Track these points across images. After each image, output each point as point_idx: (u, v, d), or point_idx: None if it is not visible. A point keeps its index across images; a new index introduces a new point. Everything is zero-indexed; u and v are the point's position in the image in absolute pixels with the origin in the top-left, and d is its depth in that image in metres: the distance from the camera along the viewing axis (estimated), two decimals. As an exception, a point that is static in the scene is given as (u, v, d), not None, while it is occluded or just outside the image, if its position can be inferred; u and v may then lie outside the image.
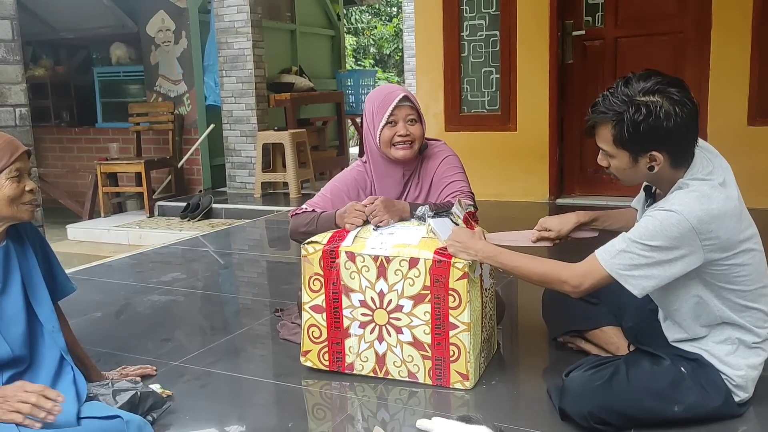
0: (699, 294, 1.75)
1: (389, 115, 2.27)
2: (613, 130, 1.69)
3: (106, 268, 3.98)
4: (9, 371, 1.73)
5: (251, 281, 3.76)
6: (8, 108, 2.50)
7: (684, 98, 1.65)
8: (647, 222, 1.68)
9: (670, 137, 1.65)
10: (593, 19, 5.17)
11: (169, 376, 2.27)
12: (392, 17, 18.29)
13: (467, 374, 2.06)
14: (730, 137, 4.44)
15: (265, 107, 6.69)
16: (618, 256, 1.70)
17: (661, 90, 1.65)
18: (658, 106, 1.63)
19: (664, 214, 1.65)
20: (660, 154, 1.67)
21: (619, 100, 1.68)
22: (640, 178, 1.78)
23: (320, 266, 2.15)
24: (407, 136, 2.28)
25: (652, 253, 1.66)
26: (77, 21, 7.49)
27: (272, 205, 6.00)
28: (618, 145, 1.70)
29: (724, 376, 1.77)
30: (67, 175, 7.94)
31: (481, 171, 5.05)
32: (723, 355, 1.77)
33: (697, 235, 1.63)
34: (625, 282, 1.70)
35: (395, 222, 2.20)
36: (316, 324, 2.20)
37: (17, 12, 2.55)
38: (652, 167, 1.70)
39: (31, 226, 1.87)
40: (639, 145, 1.67)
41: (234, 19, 6.48)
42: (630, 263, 1.68)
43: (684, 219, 1.62)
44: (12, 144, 1.73)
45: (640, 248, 1.67)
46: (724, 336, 1.78)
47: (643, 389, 1.77)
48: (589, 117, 1.76)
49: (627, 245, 1.69)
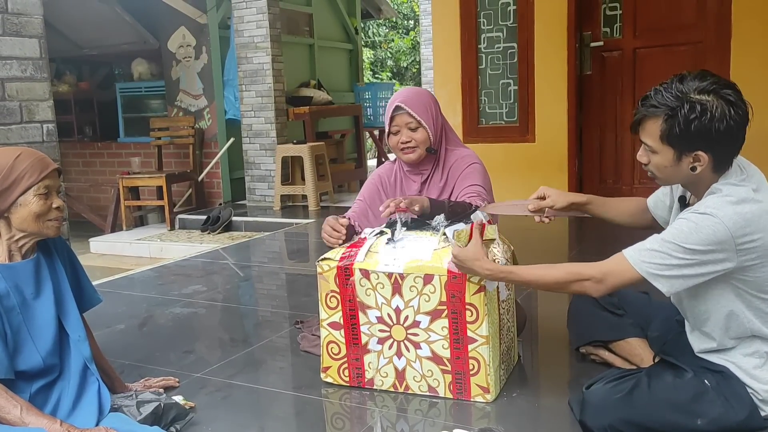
0: (731, 305, 1.71)
1: (391, 124, 2.39)
2: (663, 126, 1.65)
3: (128, 280, 4.03)
4: (39, 381, 1.77)
5: (271, 293, 3.78)
6: (36, 124, 2.56)
7: (739, 101, 1.62)
8: (682, 224, 1.65)
9: (719, 139, 1.62)
10: (611, 30, 5.16)
11: (191, 387, 2.29)
12: (409, 30, 18.38)
13: (488, 387, 2.05)
14: (754, 146, 4.37)
15: (284, 121, 6.75)
16: (649, 256, 1.66)
17: (716, 90, 1.62)
18: (713, 105, 1.60)
19: (699, 217, 1.63)
20: (706, 155, 1.64)
21: (673, 95, 1.64)
22: (680, 177, 1.74)
23: (335, 283, 2.15)
24: (408, 142, 2.38)
25: (685, 255, 1.62)
26: (100, 38, 7.63)
27: (291, 217, 6.04)
28: (664, 141, 1.67)
29: (750, 390, 1.74)
30: (89, 189, 8.06)
31: (500, 182, 5.03)
32: (750, 368, 1.74)
33: (732, 240, 1.60)
34: (655, 280, 1.66)
35: (417, 209, 2.16)
36: (334, 340, 2.20)
37: (44, 30, 2.61)
38: (695, 168, 1.67)
39: (60, 240, 1.91)
40: (687, 143, 1.64)
41: (253, 34, 6.56)
42: (662, 263, 1.65)
43: (720, 222, 1.60)
44: (43, 162, 1.77)
45: (673, 249, 1.64)
46: (753, 349, 1.74)
47: (665, 402, 1.74)
48: (637, 111, 1.72)
49: (660, 245, 1.66)
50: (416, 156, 2.39)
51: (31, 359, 1.75)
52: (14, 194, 1.72)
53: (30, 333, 1.76)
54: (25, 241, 1.79)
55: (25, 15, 2.53)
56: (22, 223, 1.75)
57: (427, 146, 2.39)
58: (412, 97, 2.40)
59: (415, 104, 2.37)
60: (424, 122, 2.37)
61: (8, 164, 1.72)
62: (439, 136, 2.44)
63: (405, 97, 2.40)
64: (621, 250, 1.74)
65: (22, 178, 1.72)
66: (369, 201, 2.51)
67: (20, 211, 1.74)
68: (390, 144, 2.42)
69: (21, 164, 1.73)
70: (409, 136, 2.37)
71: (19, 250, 1.79)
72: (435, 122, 2.41)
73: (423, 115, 2.37)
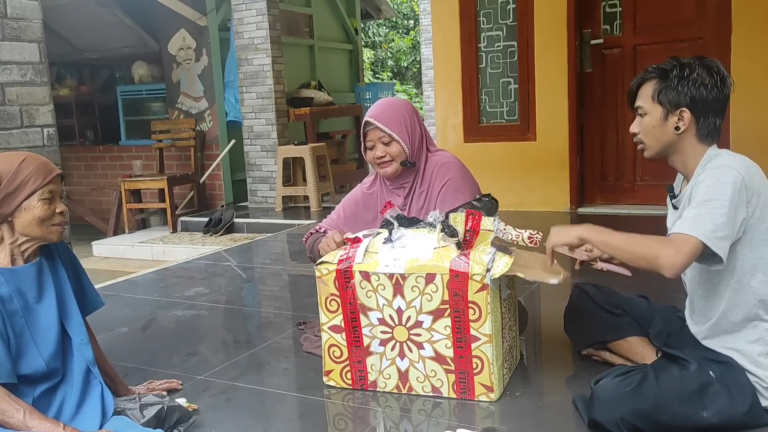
0: (739, 277, 1.76)
1: (365, 140, 2.40)
2: (655, 85, 1.86)
3: (131, 283, 4.04)
4: (42, 385, 1.77)
5: (273, 295, 3.78)
6: (36, 128, 2.56)
7: (724, 74, 1.83)
8: (704, 184, 1.73)
9: (702, 99, 1.81)
10: (611, 27, 5.15)
11: (194, 390, 2.29)
12: (409, 30, 18.39)
13: (492, 386, 2.05)
14: (755, 144, 4.38)
15: (284, 122, 6.76)
16: (698, 222, 1.68)
17: (706, 62, 1.85)
18: (701, 69, 1.82)
19: (715, 170, 1.74)
20: (689, 113, 1.82)
21: (667, 62, 1.88)
22: (665, 139, 1.86)
23: (335, 286, 2.13)
24: (383, 156, 2.37)
25: (724, 208, 1.68)
26: (100, 41, 7.64)
27: (293, 218, 6.04)
28: (655, 99, 1.85)
29: (754, 378, 1.76)
30: (91, 193, 8.08)
31: (502, 181, 5.05)
32: (755, 355, 1.77)
33: (745, 187, 1.70)
34: (713, 245, 1.66)
35: None
36: (336, 344, 2.19)
37: (44, 34, 2.62)
38: (678, 127, 1.83)
39: (62, 244, 1.92)
40: (674, 98, 1.82)
41: (253, 36, 6.57)
42: (711, 224, 1.67)
43: (734, 169, 1.71)
44: (47, 167, 1.78)
45: (712, 206, 1.68)
46: (758, 335, 1.77)
47: (672, 393, 1.76)
48: (634, 81, 1.94)
49: (699, 210, 1.69)
50: (392, 170, 2.37)
51: (35, 363, 1.75)
52: (19, 198, 1.73)
53: (33, 337, 1.76)
54: (28, 246, 1.79)
55: (25, 20, 2.54)
56: (25, 228, 1.75)
57: (402, 159, 2.36)
58: (384, 111, 2.37)
59: (386, 118, 2.35)
60: (396, 135, 2.33)
61: (13, 168, 1.73)
62: (417, 147, 2.39)
63: (376, 111, 2.38)
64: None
65: (26, 183, 1.73)
66: (350, 219, 2.49)
67: (24, 215, 1.74)
68: (367, 159, 2.42)
69: (26, 169, 1.74)
70: (384, 151, 2.35)
71: (21, 254, 1.79)
72: (410, 134, 2.36)
73: (395, 128, 2.34)
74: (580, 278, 2.41)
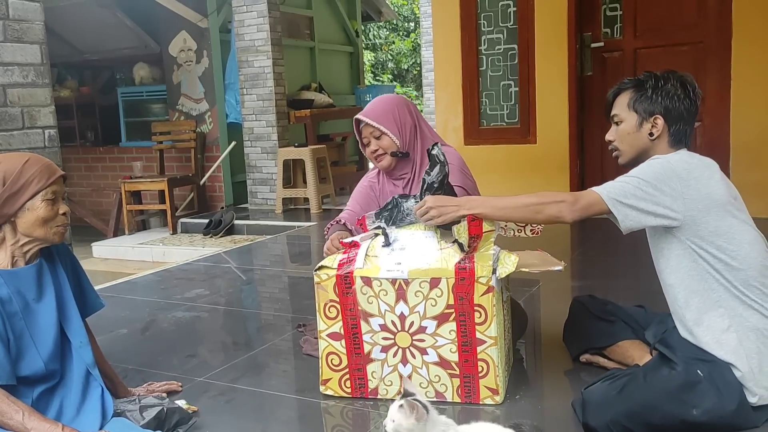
0: (692, 268, 1.83)
1: (361, 138, 2.49)
2: (631, 94, 1.96)
3: (131, 285, 4.03)
4: (41, 386, 1.77)
5: (273, 297, 3.78)
6: (38, 130, 2.57)
7: (696, 87, 1.94)
8: (641, 166, 1.88)
9: (675, 108, 1.92)
10: (612, 30, 5.16)
11: (194, 391, 2.29)
12: (410, 32, 18.41)
13: (497, 389, 2.04)
14: (755, 146, 4.39)
15: (285, 124, 6.76)
16: (612, 186, 1.84)
17: (679, 76, 1.96)
18: (675, 82, 1.94)
19: (653, 161, 1.88)
20: (662, 120, 1.91)
21: (642, 75, 2.00)
22: (639, 144, 1.95)
23: (335, 292, 2.08)
24: (376, 150, 2.45)
25: (641, 186, 1.80)
26: (101, 43, 7.65)
27: (293, 220, 6.04)
28: (631, 107, 1.96)
29: (735, 369, 1.76)
30: (92, 194, 8.08)
31: (502, 184, 5.05)
32: (719, 334, 1.79)
33: (678, 180, 1.79)
34: (613, 207, 1.81)
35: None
36: (334, 351, 2.14)
37: (45, 36, 2.62)
38: (652, 133, 1.93)
39: (63, 245, 1.92)
40: (649, 107, 1.93)
41: (254, 38, 6.57)
42: (621, 191, 1.82)
43: (666, 161, 1.84)
44: (50, 168, 1.79)
45: (629, 178, 1.84)
46: (726, 324, 1.79)
47: (660, 392, 1.78)
48: (610, 92, 2.04)
49: (622, 179, 1.85)
50: (387, 162, 2.45)
51: (34, 364, 1.75)
52: (22, 199, 1.73)
53: (33, 338, 1.76)
54: (30, 247, 1.79)
55: (26, 21, 2.54)
56: (28, 229, 1.76)
57: (392, 150, 2.42)
58: (373, 107, 2.48)
59: (374, 113, 2.44)
60: (384, 128, 2.41)
61: (17, 169, 1.73)
62: (410, 139, 2.45)
63: (366, 108, 2.49)
64: (623, 252, 1.80)
65: (30, 183, 1.73)
66: (365, 207, 2.51)
67: (27, 216, 1.75)
68: (366, 156, 2.53)
69: (30, 169, 1.74)
70: (377, 145, 2.44)
71: (23, 255, 1.79)
72: (400, 126, 2.42)
73: (383, 121, 2.41)
74: (578, 292, 2.41)
